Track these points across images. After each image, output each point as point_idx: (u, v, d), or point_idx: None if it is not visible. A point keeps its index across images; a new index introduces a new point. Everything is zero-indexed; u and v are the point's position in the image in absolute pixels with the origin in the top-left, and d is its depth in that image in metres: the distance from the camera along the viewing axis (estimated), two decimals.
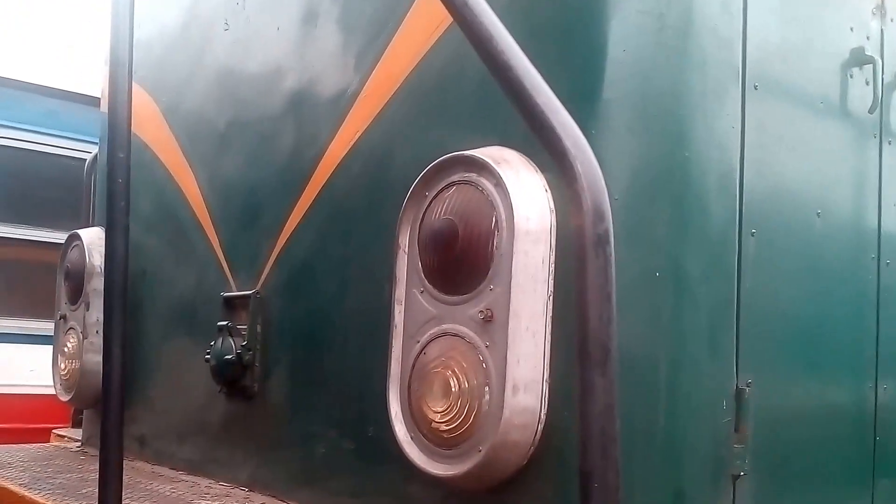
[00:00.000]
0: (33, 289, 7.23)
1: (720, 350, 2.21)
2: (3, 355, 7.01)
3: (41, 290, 6.65)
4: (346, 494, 2.84)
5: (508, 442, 2.15)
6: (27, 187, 7.06)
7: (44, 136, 6.81)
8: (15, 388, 6.94)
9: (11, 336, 7.08)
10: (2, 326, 7.09)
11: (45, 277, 5.91)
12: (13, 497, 3.25)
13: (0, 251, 7.15)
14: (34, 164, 6.94)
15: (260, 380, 3.23)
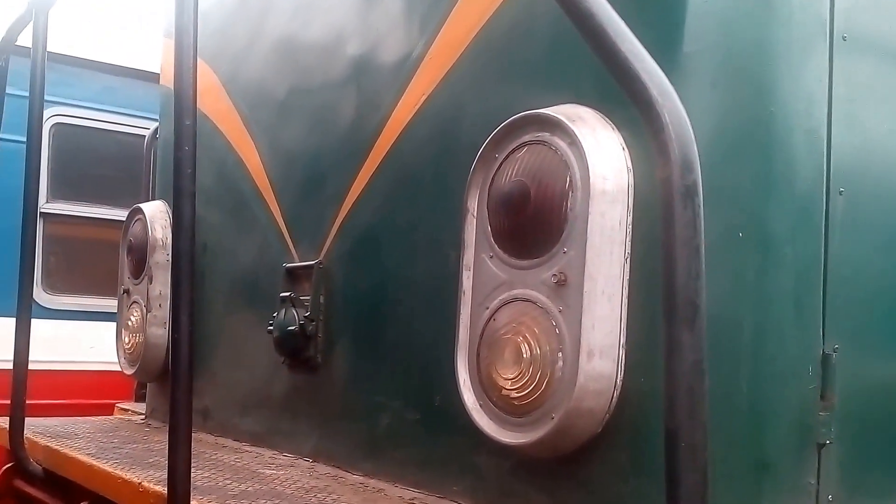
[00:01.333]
0: (94, 266, 7.37)
1: (806, 314, 2.13)
2: (65, 332, 7.17)
3: (102, 268, 6.80)
4: (412, 465, 2.83)
5: (583, 409, 2.11)
6: (86, 164, 7.18)
7: (103, 112, 6.91)
8: (76, 365, 7.09)
9: (73, 313, 7.24)
10: (64, 304, 7.25)
11: (106, 255, 6.03)
12: (82, 466, 3.31)
13: (61, 229, 7.32)
14: (93, 140, 7.05)
15: (323, 351, 3.24)
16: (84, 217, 7.16)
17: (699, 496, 1.33)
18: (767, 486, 2.08)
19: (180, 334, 2.33)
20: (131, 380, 6.58)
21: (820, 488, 2.15)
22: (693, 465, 1.33)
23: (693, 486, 1.33)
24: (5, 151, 5.85)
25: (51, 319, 7.17)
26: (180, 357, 2.34)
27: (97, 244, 7.31)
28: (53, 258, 7.50)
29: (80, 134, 6.94)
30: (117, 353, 4.41)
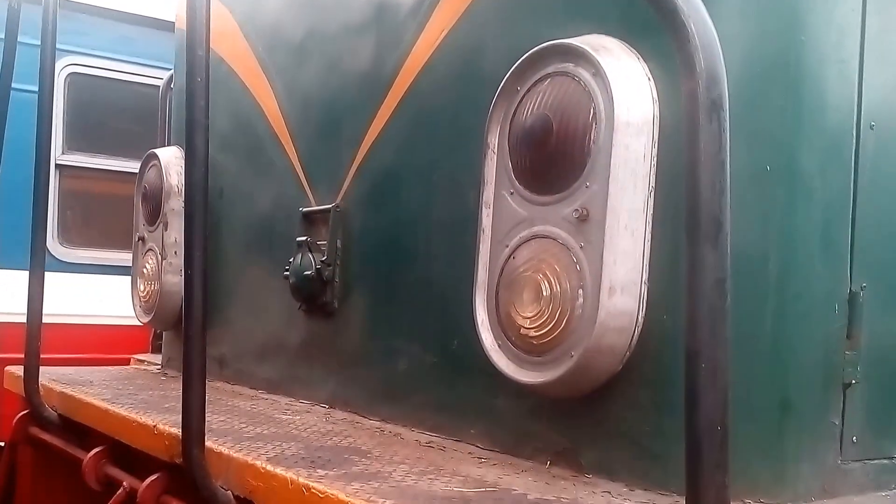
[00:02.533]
0: (111, 220, 7.41)
1: (833, 250, 2.11)
2: (81, 286, 7.23)
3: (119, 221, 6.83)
4: (429, 409, 2.85)
5: (603, 346, 2.11)
6: (103, 115, 7.20)
7: (119, 62, 6.91)
8: (92, 319, 7.16)
9: (89, 267, 7.30)
10: (80, 257, 7.31)
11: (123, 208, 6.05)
12: (97, 411, 3.35)
13: (77, 182, 7.36)
14: (110, 91, 7.06)
15: (340, 296, 3.25)
16: (101, 169, 7.20)
17: (719, 417, 1.33)
18: (790, 425, 2.07)
19: (194, 261, 2.34)
20: (147, 333, 6.67)
21: (844, 429, 2.15)
22: (713, 386, 1.33)
23: (713, 408, 1.33)
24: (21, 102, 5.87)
25: (67, 273, 7.24)
26: (193, 290, 2.36)
27: (114, 197, 7.34)
28: (70, 212, 7.55)
29: (97, 84, 6.94)
30: (132, 301, 4.45)
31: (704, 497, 1.32)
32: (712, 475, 1.31)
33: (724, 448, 1.33)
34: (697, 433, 1.32)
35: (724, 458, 1.33)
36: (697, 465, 1.32)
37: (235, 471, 2.43)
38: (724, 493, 1.33)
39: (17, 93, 4.82)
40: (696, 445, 1.32)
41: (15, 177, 5.02)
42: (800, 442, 2.08)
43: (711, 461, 1.32)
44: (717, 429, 1.31)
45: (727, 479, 1.33)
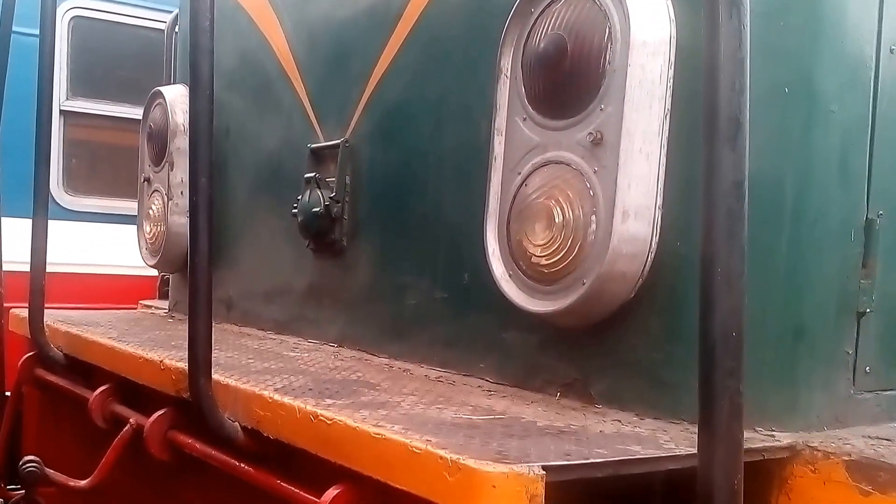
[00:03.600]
0: (118, 168, 7.41)
1: (851, 176, 2.10)
2: (87, 235, 7.25)
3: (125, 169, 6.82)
4: (438, 345, 2.86)
5: (615, 273, 2.11)
6: (108, 61, 7.16)
7: (124, 6, 6.86)
8: (98, 269, 7.19)
9: (95, 215, 7.31)
10: (86, 205, 7.32)
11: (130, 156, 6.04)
12: (103, 349, 3.37)
13: (83, 129, 7.35)
14: (115, 36, 7.02)
15: (349, 233, 3.25)
16: (106, 116, 7.18)
17: (734, 324, 1.33)
18: (803, 353, 2.07)
19: (198, 194, 2.34)
20: (154, 283, 6.70)
21: (857, 358, 2.15)
22: (729, 292, 1.32)
23: (728, 314, 1.33)
24: (25, 46, 5.84)
25: (72, 221, 7.26)
26: (199, 216, 2.35)
27: (121, 144, 7.33)
28: (75, 159, 7.55)
29: (101, 28, 6.91)
30: (138, 243, 4.46)
31: (718, 405, 1.32)
32: (726, 382, 1.32)
33: (739, 355, 1.33)
34: (712, 340, 1.32)
35: (739, 366, 1.33)
36: (711, 372, 1.33)
37: (242, 402, 2.45)
38: (738, 399, 1.33)
39: (20, 37, 4.80)
40: (710, 352, 1.32)
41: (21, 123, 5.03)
42: (812, 370, 2.09)
43: (725, 368, 1.32)
44: (731, 335, 1.31)
45: (741, 387, 1.33)
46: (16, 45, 4.50)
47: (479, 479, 1.66)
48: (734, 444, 1.33)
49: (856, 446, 1.94)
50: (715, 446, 1.33)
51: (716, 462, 1.32)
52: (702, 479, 1.36)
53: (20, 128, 4.82)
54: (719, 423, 1.32)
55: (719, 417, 1.32)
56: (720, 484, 1.32)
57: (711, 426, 1.33)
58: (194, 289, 2.43)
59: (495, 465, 1.67)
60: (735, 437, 1.32)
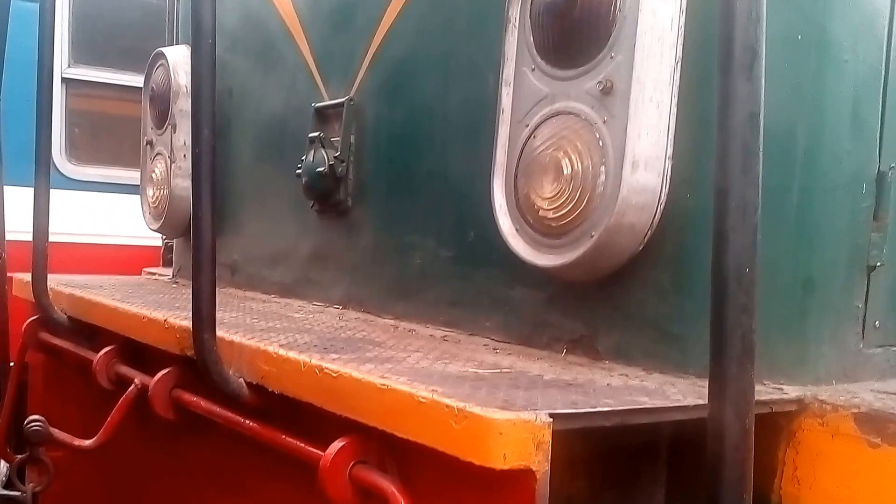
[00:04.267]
0: (121, 137, 7.39)
1: (864, 127, 2.07)
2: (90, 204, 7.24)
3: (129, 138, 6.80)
4: (443, 304, 2.85)
5: (624, 225, 2.09)
6: (112, 27, 7.12)
7: None
8: (102, 238, 7.18)
9: (98, 185, 7.30)
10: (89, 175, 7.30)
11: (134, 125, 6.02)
12: (106, 310, 3.37)
13: (86, 99, 7.32)
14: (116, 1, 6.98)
15: (354, 193, 3.23)
16: (110, 84, 7.14)
17: (748, 259, 1.31)
18: (813, 306, 2.06)
19: (201, 146, 2.32)
20: (158, 253, 6.70)
21: (867, 312, 2.13)
22: (743, 226, 1.30)
23: (742, 249, 1.31)
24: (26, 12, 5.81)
25: (75, 191, 7.25)
26: (201, 167, 2.34)
27: (124, 113, 7.30)
28: (78, 129, 7.53)
29: None
30: (142, 208, 4.44)
31: (730, 342, 1.31)
32: (738, 319, 1.30)
33: (752, 291, 1.31)
34: (725, 275, 1.30)
35: (752, 302, 1.31)
36: (723, 308, 1.31)
37: (247, 357, 2.44)
38: (751, 337, 1.31)
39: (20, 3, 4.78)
40: (722, 288, 1.31)
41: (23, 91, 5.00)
42: (822, 324, 2.07)
43: (738, 304, 1.30)
44: (745, 270, 1.29)
45: (754, 324, 1.31)
46: (16, 12, 4.47)
47: (485, 427, 1.65)
48: (746, 382, 1.31)
49: (865, 399, 1.93)
50: (726, 384, 1.31)
51: (727, 399, 1.30)
52: (712, 418, 1.35)
53: (22, 95, 4.80)
54: (731, 362, 1.31)
55: (731, 355, 1.31)
56: (731, 422, 1.31)
57: (723, 364, 1.31)
58: (198, 242, 2.41)
59: (502, 412, 1.66)
60: (747, 375, 1.31)
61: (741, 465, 1.30)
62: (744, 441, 1.31)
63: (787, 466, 1.99)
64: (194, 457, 2.97)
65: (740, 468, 1.30)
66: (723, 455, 1.31)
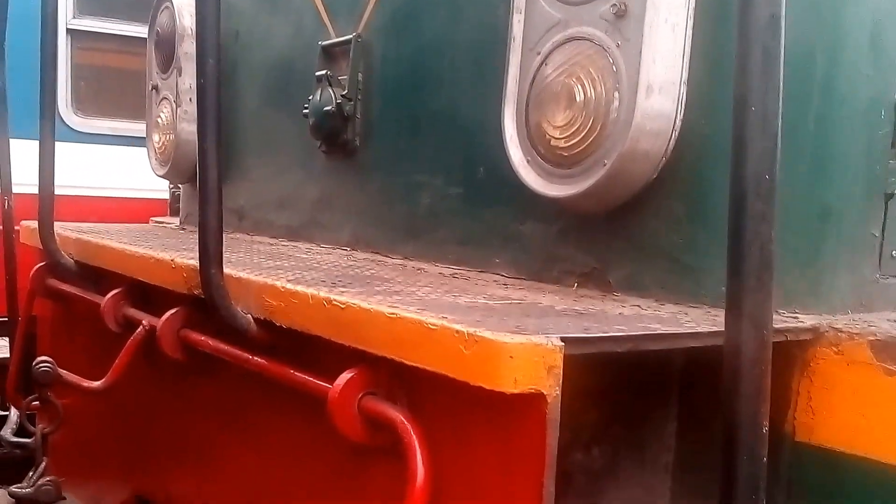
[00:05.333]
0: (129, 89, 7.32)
1: (882, 54, 2.01)
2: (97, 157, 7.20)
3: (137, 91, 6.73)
4: (452, 243, 2.81)
5: (638, 152, 2.04)
6: None
7: None
8: (109, 191, 7.15)
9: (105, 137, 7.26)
10: (95, 127, 7.26)
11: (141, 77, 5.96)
12: (114, 253, 3.34)
13: (92, 53, 7.25)
14: None
15: (361, 132, 3.18)
16: (116, 35, 7.06)
17: (766, 166, 1.27)
18: (829, 234, 2.02)
19: (206, 77, 2.27)
20: (165, 204, 6.67)
21: (884, 242, 2.09)
22: (763, 134, 1.26)
23: (761, 156, 1.27)
24: None
25: (81, 143, 7.21)
26: (206, 97, 2.29)
27: (131, 64, 7.23)
28: (84, 82, 7.47)
29: None
30: (148, 154, 4.40)
31: (749, 252, 1.27)
32: (757, 229, 1.26)
33: (772, 200, 1.27)
34: (743, 184, 1.26)
35: (771, 211, 1.27)
36: (742, 218, 1.27)
37: (255, 293, 2.41)
38: (769, 248, 1.27)
39: None
40: (741, 197, 1.27)
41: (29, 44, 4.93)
42: (838, 252, 2.04)
43: (757, 213, 1.26)
44: (764, 178, 1.25)
45: (773, 233, 1.27)
46: None
47: (495, 351, 1.63)
48: (764, 295, 1.27)
49: (881, 328, 1.90)
50: (744, 297, 1.27)
51: (745, 313, 1.27)
52: (729, 332, 1.32)
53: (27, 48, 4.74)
54: (749, 273, 1.27)
55: (750, 267, 1.27)
56: (749, 335, 1.27)
57: (741, 276, 1.28)
58: (203, 175, 2.37)
59: (513, 336, 1.63)
60: (765, 287, 1.27)
61: (758, 381, 1.27)
62: (761, 354, 1.27)
63: (801, 396, 1.96)
64: (203, 396, 2.96)
65: (758, 383, 1.26)
66: (740, 369, 1.28)
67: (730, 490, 1.23)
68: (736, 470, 1.22)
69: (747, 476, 1.22)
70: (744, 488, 1.22)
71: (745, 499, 1.22)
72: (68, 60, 7.17)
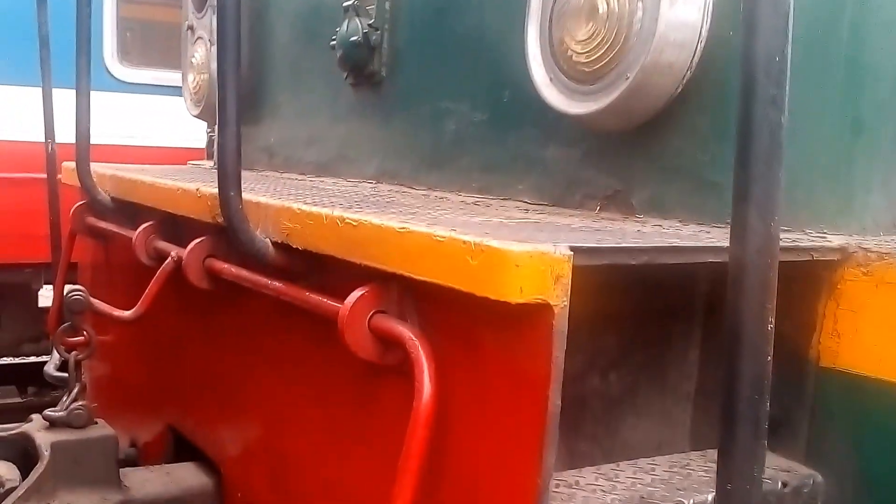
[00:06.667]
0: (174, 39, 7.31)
1: None
2: (142, 107, 7.22)
3: None
4: (476, 171, 2.73)
5: (661, 63, 1.93)
6: None
7: None
8: (152, 140, 7.17)
9: (151, 87, 7.27)
10: (141, 77, 7.27)
11: None
12: (145, 186, 3.33)
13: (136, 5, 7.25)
14: None
15: (388, 63, 3.10)
16: None
17: (779, 45, 1.16)
18: (861, 150, 1.90)
19: None
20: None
21: None
22: (774, 11, 1.15)
23: (773, 34, 1.16)
24: None
25: (127, 93, 7.23)
26: (227, 17, 2.23)
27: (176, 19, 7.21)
28: (129, 33, 7.48)
29: None
30: (183, 94, 4.37)
31: (757, 137, 1.17)
32: (766, 112, 1.16)
33: (783, 82, 1.16)
34: (753, 65, 1.16)
35: (782, 94, 1.16)
36: (751, 100, 1.17)
37: (273, 217, 2.36)
38: (779, 133, 1.17)
39: None
40: (751, 79, 1.17)
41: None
42: (871, 170, 1.91)
43: (767, 96, 1.16)
44: (774, 59, 1.15)
45: (783, 118, 1.17)
46: None
47: (501, 259, 1.55)
48: (773, 182, 1.17)
49: None
50: (751, 184, 1.18)
51: (752, 201, 1.17)
52: (735, 223, 1.22)
53: None
54: (757, 159, 1.17)
55: (758, 152, 1.17)
56: (755, 226, 1.17)
57: (748, 162, 1.18)
58: (222, 95, 2.32)
59: (520, 244, 1.55)
60: (774, 175, 1.17)
61: (764, 273, 1.17)
62: (768, 246, 1.18)
63: (826, 320, 1.86)
64: (228, 326, 2.93)
65: (763, 275, 1.17)
66: (744, 260, 1.18)
67: (734, 390, 1.14)
68: (740, 368, 1.13)
69: (752, 376, 1.14)
70: (748, 387, 1.13)
71: (749, 398, 1.13)
72: (115, 13, 7.18)
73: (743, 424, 1.13)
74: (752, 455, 1.13)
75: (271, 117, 3.89)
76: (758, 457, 1.14)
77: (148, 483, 2.89)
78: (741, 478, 1.13)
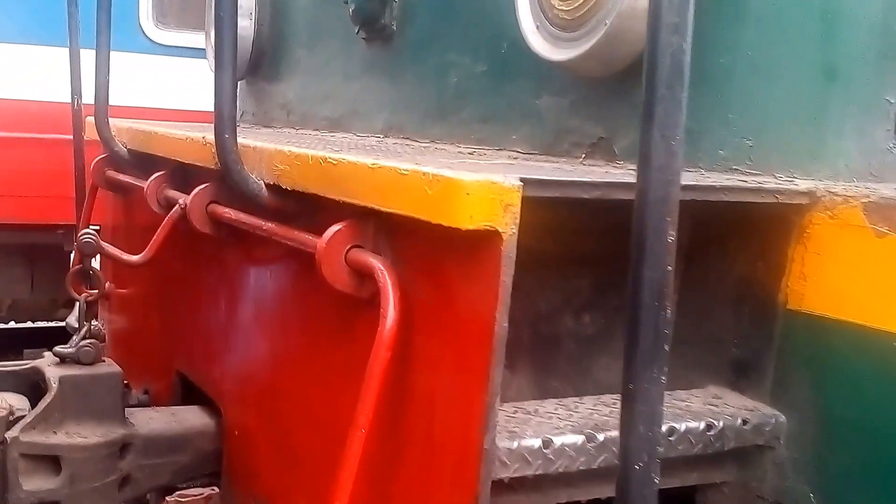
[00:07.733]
0: None
1: None
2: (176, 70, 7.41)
3: None
4: (475, 122, 2.84)
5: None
6: None
7: None
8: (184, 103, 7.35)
9: (185, 50, 7.47)
10: (176, 40, 7.47)
11: None
12: (159, 137, 3.50)
13: None
14: None
15: (399, 16, 3.22)
16: None
17: None
18: (834, 95, 1.96)
19: None
20: None
21: None
22: None
23: None
24: None
25: (163, 56, 7.44)
26: None
27: None
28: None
29: None
30: (206, 52, 4.52)
31: (659, 62, 1.26)
32: (669, 39, 1.24)
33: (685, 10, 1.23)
34: None
35: (685, 21, 1.23)
36: (657, 26, 1.25)
37: (266, 160, 2.50)
38: (681, 57, 1.25)
39: None
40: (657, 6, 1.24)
41: None
42: (844, 116, 1.98)
43: (670, 24, 1.24)
44: None
45: (685, 44, 1.24)
46: None
47: (453, 188, 1.67)
48: (674, 105, 1.26)
49: (880, 192, 1.84)
50: (656, 107, 1.27)
51: (654, 123, 1.26)
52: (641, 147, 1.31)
53: None
54: (660, 83, 1.26)
55: (661, 77, 1.26)
56: (658, 146, 1.26)
57: (653, 86, 1.27)
58: (219, 37, 2.47)
59: (472, 174, 1.67)
60: (676, 97, 1.26)
61: (665, 187, 1.25)
62: (669, 163, 1.26)
63: (795, 263, 1.94)
64: (228, 269, 3.09)
65: (665, 189, 1.25)
66: (649, 177, 1.28)
67: (636, 298, 1.24)
68: (642, 277, 1.22)
69: (652, 284, 1.23)
70: (648, 295, 1.23)
71: (650, 305, 1.23)
72: None
73: (644, 329, 1.23)
74: (652, 358, 1.23)
75: (289, 75, 4.03)
76: (657, 360, 1.24)
77: (152, 421, 3.06)
78: (642, 379, 1.23)
